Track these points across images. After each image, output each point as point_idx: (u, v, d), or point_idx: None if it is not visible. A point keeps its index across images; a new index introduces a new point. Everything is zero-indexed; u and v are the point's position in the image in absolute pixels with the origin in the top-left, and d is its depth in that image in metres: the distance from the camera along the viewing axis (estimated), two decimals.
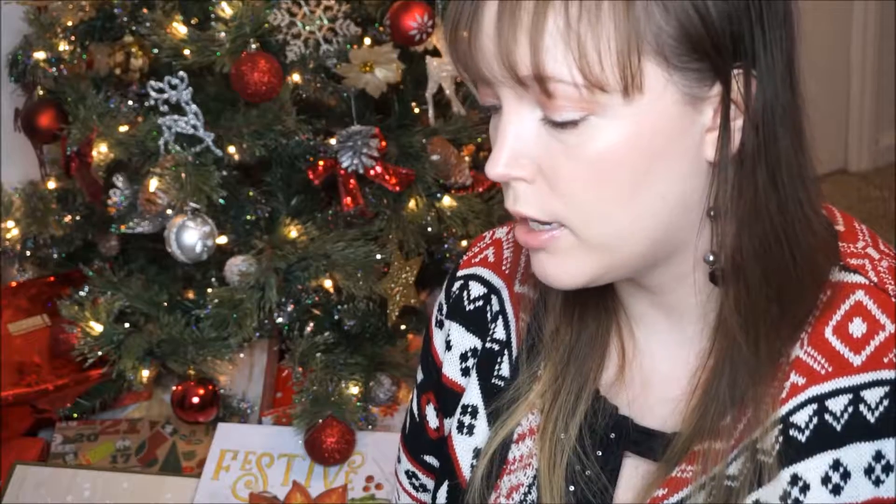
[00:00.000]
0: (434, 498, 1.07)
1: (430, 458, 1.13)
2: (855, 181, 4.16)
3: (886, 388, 0.86)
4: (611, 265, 0.88)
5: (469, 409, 1.05)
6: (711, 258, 0.88)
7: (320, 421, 1.78)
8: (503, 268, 1.07)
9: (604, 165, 0.83)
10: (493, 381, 1.04)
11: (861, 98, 4.19)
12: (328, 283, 1.87)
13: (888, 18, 4.06)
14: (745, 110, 0.84)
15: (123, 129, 1.88)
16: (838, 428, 0.86)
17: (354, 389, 1.84)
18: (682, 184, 0.85)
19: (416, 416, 1.14)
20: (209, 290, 1.88)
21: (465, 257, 1.11)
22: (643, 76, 0.81)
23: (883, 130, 4.22)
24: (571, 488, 0.97)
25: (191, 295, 1.94)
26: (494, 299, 1.06)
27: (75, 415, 1.97)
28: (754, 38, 0.83)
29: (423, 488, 1.15)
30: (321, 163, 1.89)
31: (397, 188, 1.91)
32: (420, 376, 1.13)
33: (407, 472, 1.16)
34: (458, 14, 0.85)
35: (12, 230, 2.09)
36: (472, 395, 1.05)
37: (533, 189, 0.86)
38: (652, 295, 0.95)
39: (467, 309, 1.07)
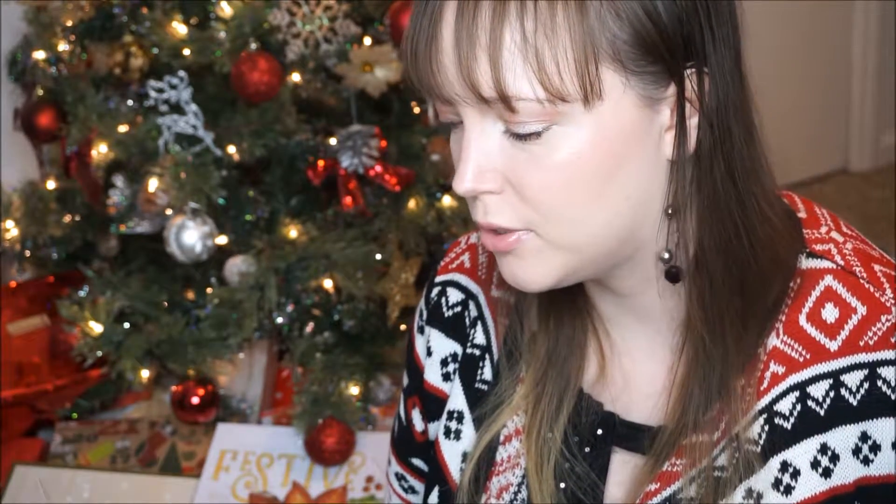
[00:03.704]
0: (425, 503, 1.07)
1: (417, 462, 1.14)
2: (856, 181, 4.16)
3: (865, 372, 0.88)
4: (578, 265, 0.89)
5: (455, 415, 1.05)
6: (667, 255, 0.90)
7: (320, 421, 1.78)
8: (479, 273, 1.08)
9: (569, 171, 0.84)
10: (476, 385, 1.05)
11: (862, 97, 4.18)
12: (328, 284, 1.87)
13: (889, 18, 4.06)
14: (699, 108, 0.86)
15: (123, 128, 1.88)
16: (822, 413, 0.88)
17: (354, 390, 1.84)
18: (645, 183, 0.87)
19: (404, 420, 1.15)
20: (209, 290, 1.88)
21: (442, 263, 1.12)
22: (602, 83, 0.82)
23: (884, 130, 4.22)
24: (562, 486, 0.98)
25: (190, 295, 1.93)
26: (472, 304, 1.07)
27: (75, 415, 1.96)
28: (704, 38, 0.85)
29: (412, 490, 1.17)
30: (321, 163, 1.88)
31: (397, 188, 1.91)
32: (406, 381, 1.15)
33: (396, 475, 1.17)
34: (415, 34, 0.85)
35: (11, 230, 2.09)
36: (457, 400, 1.06)
37: (502, 199, 0.87)
38: (620, 298, 0.96)
39: (446, 315, 1.08)
